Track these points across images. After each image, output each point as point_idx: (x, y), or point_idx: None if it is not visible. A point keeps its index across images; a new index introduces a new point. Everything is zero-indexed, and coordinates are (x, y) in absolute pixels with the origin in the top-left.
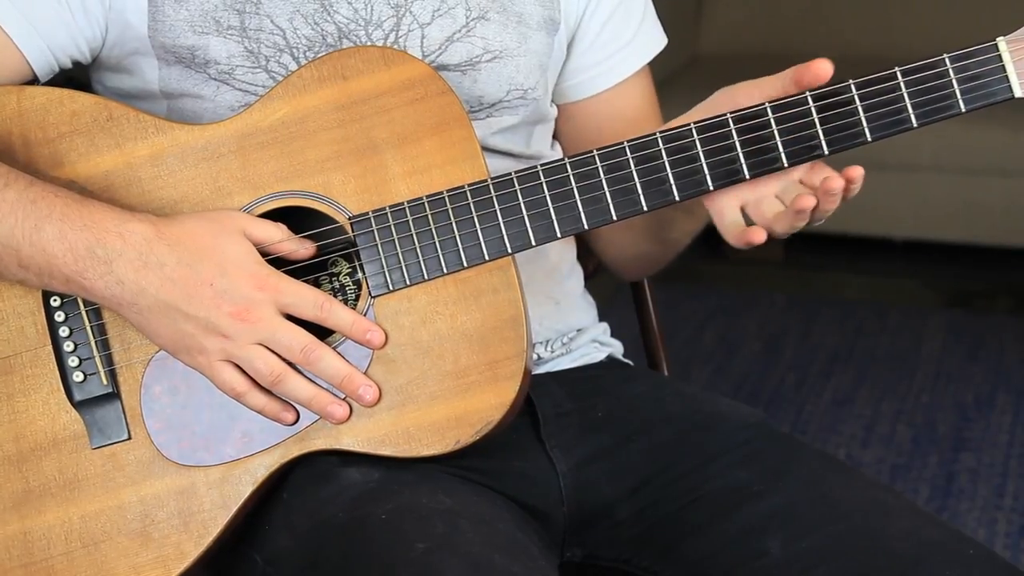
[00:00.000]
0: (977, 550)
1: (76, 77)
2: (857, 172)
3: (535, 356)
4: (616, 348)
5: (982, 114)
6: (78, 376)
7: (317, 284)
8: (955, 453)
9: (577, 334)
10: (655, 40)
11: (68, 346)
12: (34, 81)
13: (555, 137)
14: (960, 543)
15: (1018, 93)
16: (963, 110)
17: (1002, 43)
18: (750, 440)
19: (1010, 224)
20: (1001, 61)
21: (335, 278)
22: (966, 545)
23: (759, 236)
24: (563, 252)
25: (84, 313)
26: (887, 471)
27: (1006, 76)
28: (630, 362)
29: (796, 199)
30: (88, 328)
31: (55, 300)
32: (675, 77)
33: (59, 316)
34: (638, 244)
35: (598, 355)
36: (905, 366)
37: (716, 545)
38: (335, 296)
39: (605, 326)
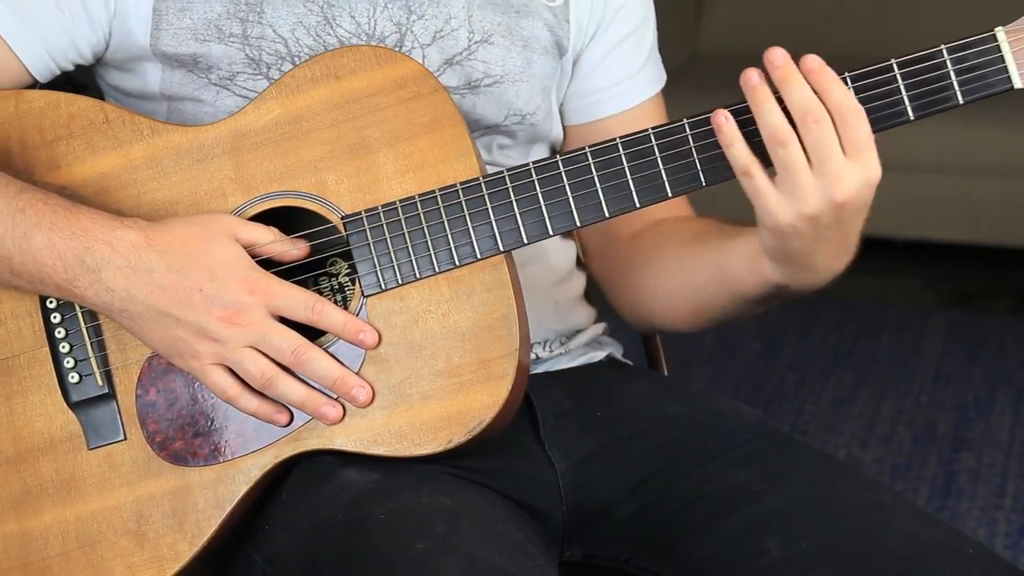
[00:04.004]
0: (977, 550)
1: (74, 78)
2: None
3: (533, 356)
4: (616, 348)
5: (982, 114)
6: (74, 377)
7: (316, 285)
8: (955, 453)
9: (576, 335)
10: (657, 78)
11: (64, 347)
12: (33, 85)
13: None
14: (960, 543)
15: (1018, 84)
16: (961, 102)
17: (1001, 33)
18: (750, 440)
19: (1010, 224)
20: (1000, 52)
21: (334, 278)
22: (966, 545)
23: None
24: (564, 254)
25: (80, 315)
26: (887, 471)
27: (1005, 67)
28: (630, 362)
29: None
30: (84, 330)
31: (51, 302)
32: (675, 77)
33: (55, 318)
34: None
35: (597, 355)
36: (905, 366)
37: (716, 545)
38: (334, 296)
39: (604, 326)
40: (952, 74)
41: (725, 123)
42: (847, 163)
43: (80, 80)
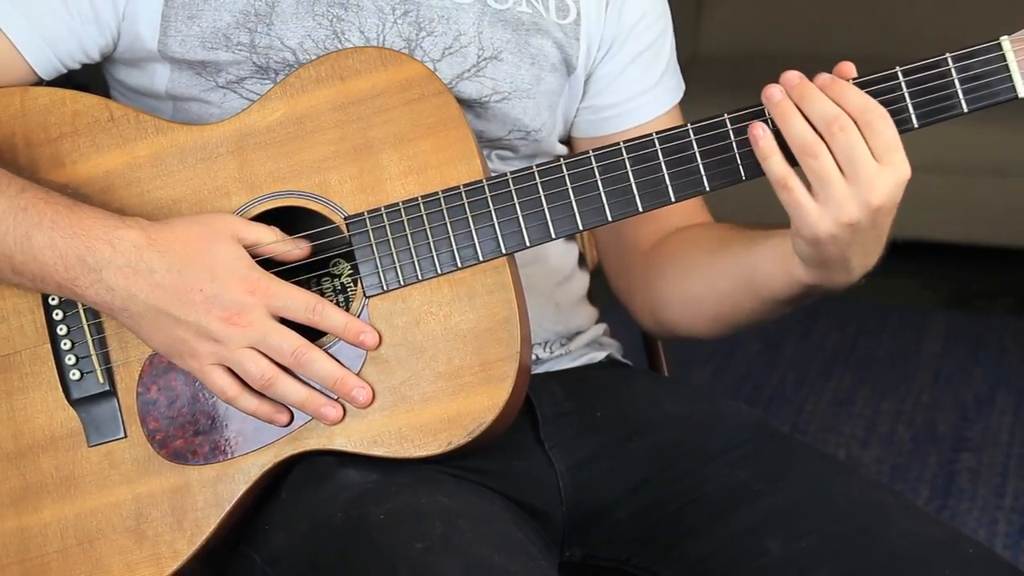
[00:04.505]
0: (977, 550)
1: (73, 78)
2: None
3: (534, 357)
4: (615, 348)
5: (982, 114)
6: (75, 374)
7: (318, 285)
8: (955, 453)
9: (577, 335)
10: (674, 90)
11: (65, 344)
12: (39, 82)
13: None
14: (960, 543)
15: (1022, 93)
16: (965, 110)
17: (1006, 42)
18: (750, 440)
19: (1010, 224)
20: (1005, 60)
21: (336, 279)
22: (966, 545)
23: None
24: (564, 255)
25: (81, 312)
26: (887, 471)
27: (1010, 76)
28: (629, 362)
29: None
30: (85, 327)
31: (53, 299)
32: None
33: (57, 314)
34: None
35: (597, 355)
36: (905, 366)
37: (716, 545)
38: (336, 297)
39: (604, 327)
40: (957, 82)
41: (762, 135)
42: (878, 167)
43: (80, 80)
